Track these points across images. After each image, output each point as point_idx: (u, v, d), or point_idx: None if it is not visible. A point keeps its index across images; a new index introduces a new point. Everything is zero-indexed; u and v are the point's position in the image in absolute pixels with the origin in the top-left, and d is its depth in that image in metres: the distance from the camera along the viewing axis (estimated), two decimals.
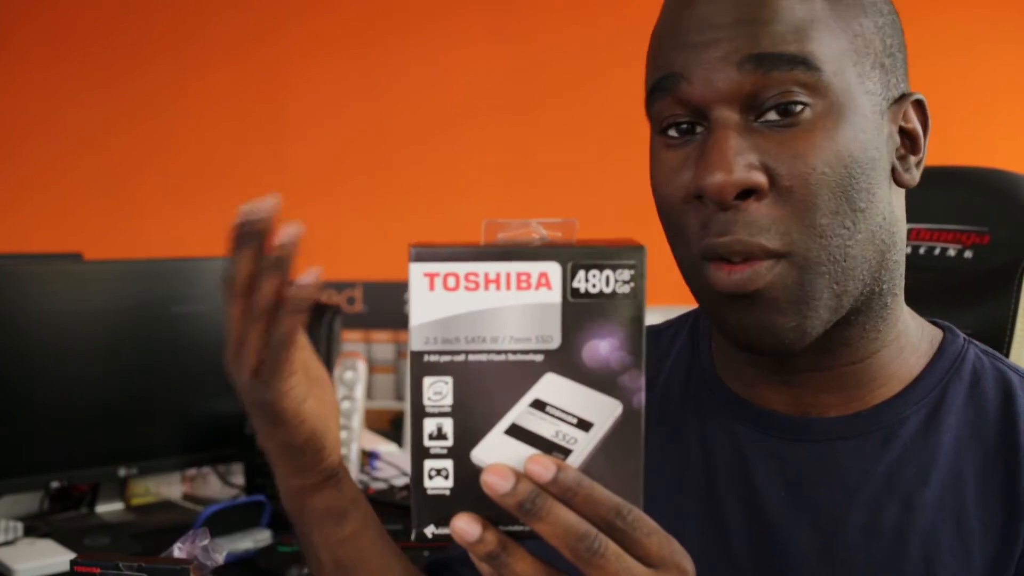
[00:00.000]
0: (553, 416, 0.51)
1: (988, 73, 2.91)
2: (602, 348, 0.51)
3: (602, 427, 0.51)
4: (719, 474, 0.76)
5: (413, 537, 0.52)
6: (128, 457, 1.77)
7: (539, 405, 0.51)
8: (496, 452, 0.51)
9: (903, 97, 0.71)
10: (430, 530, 0.52)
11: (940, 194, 1.11)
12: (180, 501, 1.90)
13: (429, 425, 0.51)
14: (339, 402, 1.78)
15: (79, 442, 1.72)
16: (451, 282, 0.51)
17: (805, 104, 0.65)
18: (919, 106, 0.72)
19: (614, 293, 0.51)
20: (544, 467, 0.49)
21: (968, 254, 1.07)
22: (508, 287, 0.51)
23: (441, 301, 0.51)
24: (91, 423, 1.73)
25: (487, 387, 0.51)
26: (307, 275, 0.61)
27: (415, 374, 0.51)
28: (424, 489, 0.51)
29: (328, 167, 3.49)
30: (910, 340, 0.75)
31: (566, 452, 0.52)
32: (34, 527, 1.68)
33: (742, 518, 0.74)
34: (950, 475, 0.71)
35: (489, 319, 0.51)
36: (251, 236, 0.61)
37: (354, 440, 1.75)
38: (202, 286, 1.84)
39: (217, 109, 3.57)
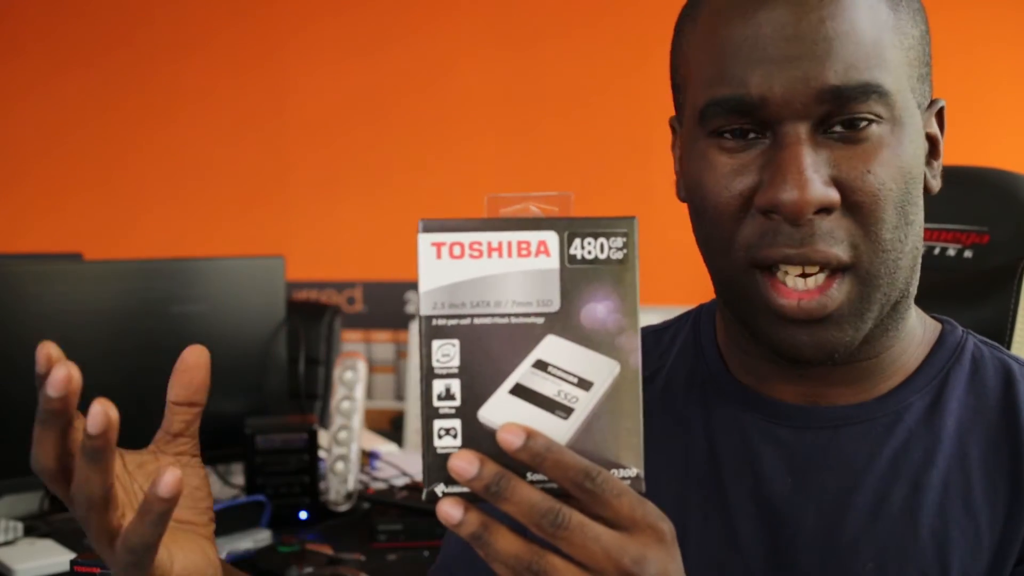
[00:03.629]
0: (555, 376, 0.54)
1: (988, 73, 2.91)
2: (599, 311, 0.54)
3: (602, 386, 0.54)
4: (725, 463, 0.77)
5: (424, 497, 0.54)
6: None
7: (541, 365, 0.54)
8: (502, 411, 0.53)
9: (932, 104, 0.73)
10: (440, 488, 0.54)
11: (940, 194, 1.11)
12: None
13: (438, 386, 0.54)
14: (339, 402, 1.79)
15: None
16: (456, 251, 0.54)
17: (872, 120, 0.66)
18: (940, 111, 0.74)
19: (609, 259, 0.54)
20: (514, 434, 0.51)
21: (968, 254, 1.07)
22: (510, 255, 0.54)
23: (447, 268, 0.54)
24: None
25: (492, 349, 0.54)
26: (165, 481, 0.53)
27: (425, 337, 0.54)
28: (434, 448, 0.54)
29: (328, 167, 3.49)
30: (916, 333, 0.77)
31: (568, 411, 0.54)
32: (34, 527, 1.68)
33: (749, 506, 0.75)
34: (955, 457, 0.72)
35: (493, 284, 0.54)
36: (53, 418, 0.55)
37: (354, 440, 1.76)
38: (202, 286, 1.84)
39: (218, 109, 3.57)
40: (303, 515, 1.70)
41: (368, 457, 1.96)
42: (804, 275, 0.67)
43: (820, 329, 0.68)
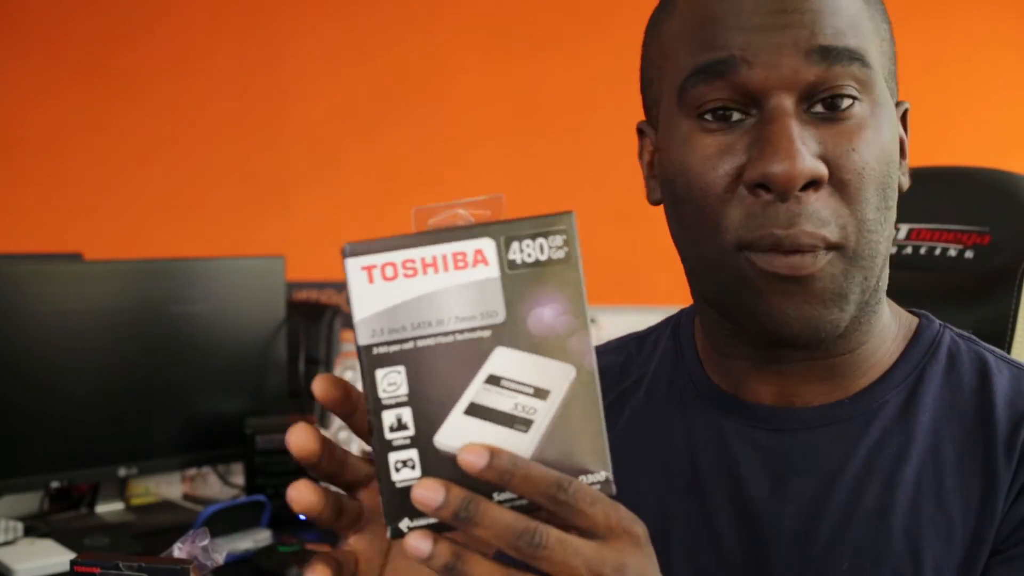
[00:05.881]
0: (509, 389, 0.51)
1: (989, 73, 2.91)
2: (546, 315, 0.51)
3: (559, 393, 0.52)
4: (705, 469, 0.76)
5: (389, 535, 0.51)
6: (128, 457, 1.77)
7: (494, 380, 0.51)
8: (458, 434, 0.51)
9: (898, 105, 0.74)
10: (404, 524, 0.51)
11: (940, 194, 1.11)
12: (180, 501, 1.90)
13: (388, 417, 0.51)
14: None
15: (79, 442, 1.72)
16: (389, 272, 0.51)
17: (855, 99, 0.66)
18: (904, 114, 0.75)
19: (550, 260, 0.51)
20: (477, 455, 0.49)
21: (969, 254, 1.07)
22: (446, 268, 0.51)
23: (382, 292, 0.51)
24: (91, 423, 1.73)
25: (440, 371, 0.51)
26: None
27: (367, 368, 0.51)
28: (393, 483, 0.51)
29: (329, 167, 3.49)
30: (890, 329, 0.76)
31: (528, 423, 0.51)
32: (34, 527, 1.68)
33: (728, 511, 0.75)
34: (929, 453, 0.72)
35: (432, 303, 0.51)
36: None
37: (354, 440, 1.76)
38: (202, 286, 1.84)
39: (217, 110, 3.57)
40: (303, 515, 1.70)
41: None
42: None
43: (804, 298, 0.67)
